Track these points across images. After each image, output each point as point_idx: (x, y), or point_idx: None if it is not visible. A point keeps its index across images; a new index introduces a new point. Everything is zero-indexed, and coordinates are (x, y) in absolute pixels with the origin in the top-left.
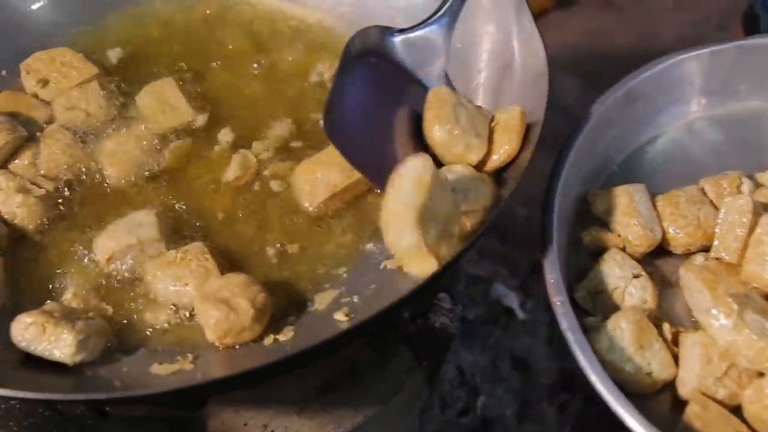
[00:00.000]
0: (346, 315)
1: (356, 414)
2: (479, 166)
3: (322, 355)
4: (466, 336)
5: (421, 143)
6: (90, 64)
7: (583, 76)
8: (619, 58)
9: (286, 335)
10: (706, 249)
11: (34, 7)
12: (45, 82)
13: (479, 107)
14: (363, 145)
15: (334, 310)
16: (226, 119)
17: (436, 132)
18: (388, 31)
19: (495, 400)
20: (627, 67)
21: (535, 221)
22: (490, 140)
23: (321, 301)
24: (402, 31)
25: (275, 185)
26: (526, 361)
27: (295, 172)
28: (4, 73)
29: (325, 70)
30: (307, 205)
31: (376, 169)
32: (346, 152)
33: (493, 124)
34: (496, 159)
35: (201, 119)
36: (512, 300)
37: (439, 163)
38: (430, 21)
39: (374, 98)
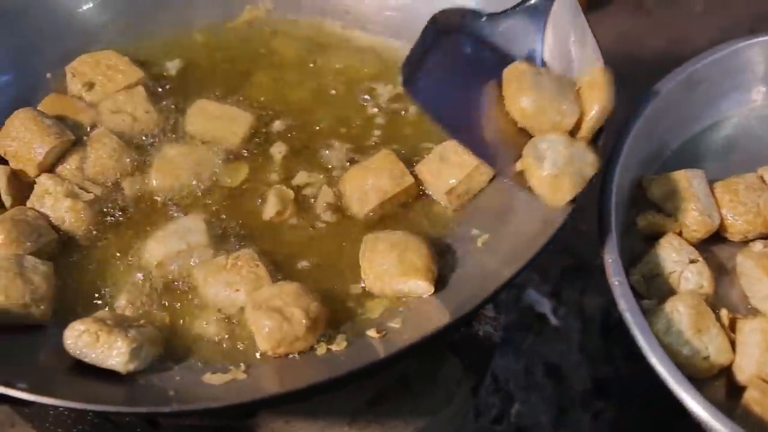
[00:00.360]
0: (400, 324)
1: (407, 425)
2: (572, 134)
3: (383, 368)
4: (500, 342)
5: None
6: (135, 67)
7: (615, 79)
8: (649, 62)
9: (339, 345)
10: (765, 237)
11: (82, 9)
12: (90, 86)
13: (558, 74)
14: (448, 104)
15: (387, 319)
16: (277, 131)
17: (523, 103)
18: (476, 14)
19: (529, 407)
20: (658, 71)
21: (566, 225)
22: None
23: (373, 310)
24: (493, 15)
25: (328, 216)
26: (559, 367)
27: (344, 179)
28: (48, 75)
29: (378, 94)
30: (357, 211)
31: (461, 129)
32: (429, 109)
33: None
34: (590, 119)
35: (278, 124)
36: (544, 306)
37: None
38: (525, 3)
39: (459, 66)
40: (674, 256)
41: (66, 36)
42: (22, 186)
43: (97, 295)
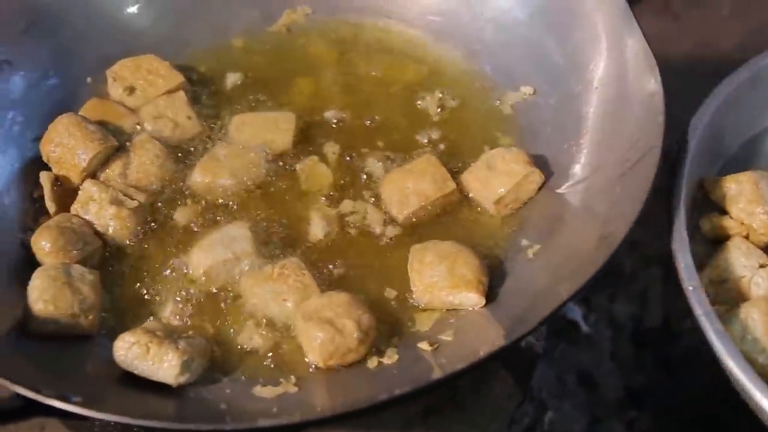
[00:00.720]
0: (452, 337)
1: None
2: None
3: (440, 387)
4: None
5: None
6: (176, 72)
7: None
8: (677, 67)
9: (390, 358)
10: None
11: (124, 12)
12: (131, 90)
13: None
14: None
15: (438, 331)
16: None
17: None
18: None
19: (562, 415)
20: (687, 74)
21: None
22: None
23: (423, 322)
24: None
25: (391, 231)
26: (591, 375)
27: (385, 181)
28: (89, 80)
29: (421, 100)
30: (395, 214)
31: None
32: None
33: None
34: None
35: (321, 131)
36: (575, 313)
37: None
38: None
39: None
40: (743, 261)
41: (107, 40)
42: (65, 192)
43: (142, 304)
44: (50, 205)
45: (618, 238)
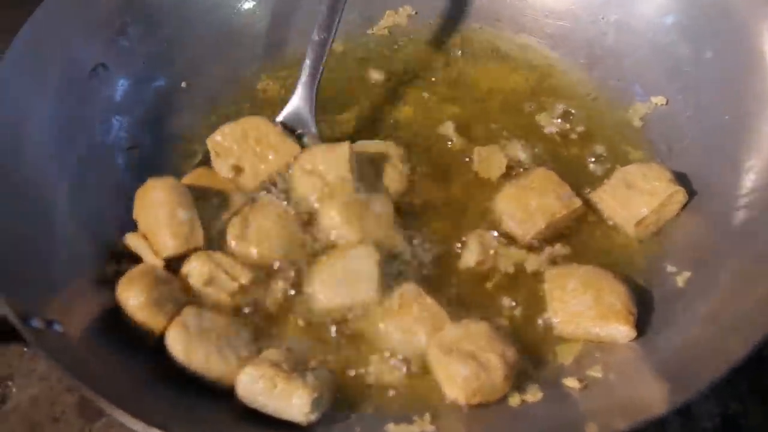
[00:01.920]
0: (601, 373)
1: None
2: None
3: None
4: None
5: None
6: (290, 142)
7: None
8: None
9: (534, 396)
10: None
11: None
12: (239, 170)
13: None
14: None
15: (584, 366)
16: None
17: None
18: None
19: None
20: None
21: None
22: None
23: (564, 354)
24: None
25: (519, 254)
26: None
27: (500, 198)
28: (183, 84)
29: (546, 115)
30: (521, 234)
31: None
32: None
33: None
34: None
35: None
36: None
37: None
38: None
39: None
40: None
41: (202, 41)
42: None
43: (260, 333)
44: (150, 258)
45: None
